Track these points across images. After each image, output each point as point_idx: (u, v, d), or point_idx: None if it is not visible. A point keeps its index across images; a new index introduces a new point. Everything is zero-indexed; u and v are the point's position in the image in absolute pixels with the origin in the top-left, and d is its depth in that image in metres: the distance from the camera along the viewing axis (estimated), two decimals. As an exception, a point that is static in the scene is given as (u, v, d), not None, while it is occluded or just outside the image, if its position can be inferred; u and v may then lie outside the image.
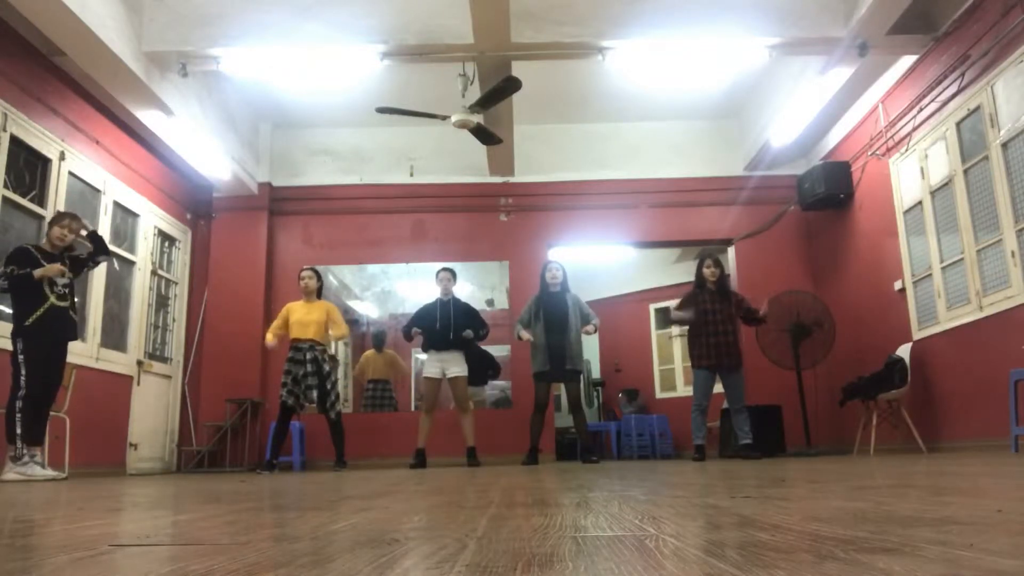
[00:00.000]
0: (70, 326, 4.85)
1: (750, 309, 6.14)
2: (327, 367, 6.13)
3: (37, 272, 4.56)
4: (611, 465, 5.61)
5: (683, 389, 10.01)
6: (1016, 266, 4.95)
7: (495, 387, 9.53)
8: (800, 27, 5.75)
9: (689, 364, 6.21)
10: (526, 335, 6.23)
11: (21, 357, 4.52)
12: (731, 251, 8.23)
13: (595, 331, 6.44)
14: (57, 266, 4.64)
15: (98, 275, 6.36)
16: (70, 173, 5.99)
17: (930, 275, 6.00)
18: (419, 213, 8.23)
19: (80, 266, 4.99)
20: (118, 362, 6.64)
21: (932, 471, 2.66)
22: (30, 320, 4.55)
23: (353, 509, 1.61)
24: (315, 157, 8.37)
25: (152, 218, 7.30)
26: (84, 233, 5.02)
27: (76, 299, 4.99)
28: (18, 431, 4.43)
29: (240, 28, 5.77)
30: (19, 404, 4.47)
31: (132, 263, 6.99)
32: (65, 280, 4.78)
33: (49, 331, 4.64)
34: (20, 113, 5.41)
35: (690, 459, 6.35)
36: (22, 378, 4.50)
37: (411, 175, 8.34)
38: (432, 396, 6.49)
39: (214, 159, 7.15)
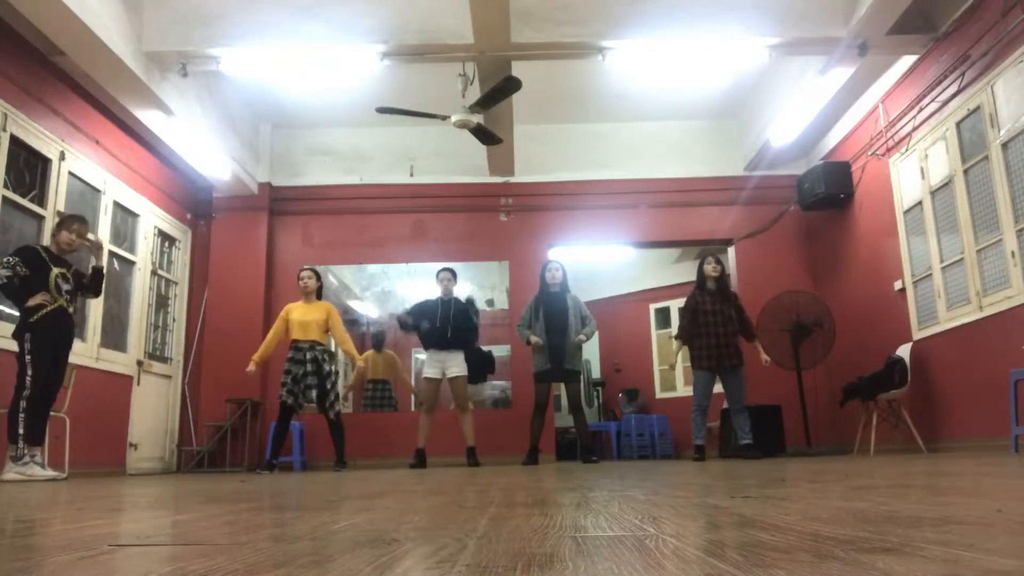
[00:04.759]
0: (71, 332, 4.85)
1: (747, 325, 6.14)
2: (327, 367, 6.13)
3: (31, 301, 4.53)
4: (611, 465, 5.61)
5: (683, 389, 10.00)
6: (1016, 266, 4.95)
7: (495, 387, 9.54)
8: (800, 27, 5.75)
9: (689, 364, 6.21)
10: (535, 339, 6.20)
11: (28, 357, 4.51)
12: (731, 251, 8.23)
13: (587, 340, 6.34)
14: (43, 296, 4.58)
15: (98, 275, 6.36)
16: (70, 173, 5.99)
17: (930, 275, 6.00)
18: (419, 213, 8.23)
19: (78, 286, 4.94)
20: (118, 362, 6.64)
21: (932, 471, 2.66)
22: (36, 317, 4.54)
23: (353, 509, 1.61)
24: (315, 157, 8.37)
25: (152, 218, 7.30)
26: (92, 238, 4.99)
27: (76, 305, 4.98)
28: (20, 431, 4.42)
29: (240, 28, 5.77)
30: (23, 404, 4.46)
31: (132, 263, 6.99)
32: (69, 286, 4.78)
33: (54, 331, 4.64)
34: (20, 113, 5.41)
35: (690, 459, 6.35)
36: (27, 378, 4.49)
37: (411, 175, 8.34)
38: (432, 396, 6.48)
39: (214, 159, 7.15)
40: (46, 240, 5.22)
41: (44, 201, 5.69)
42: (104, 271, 5.16)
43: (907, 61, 6.13)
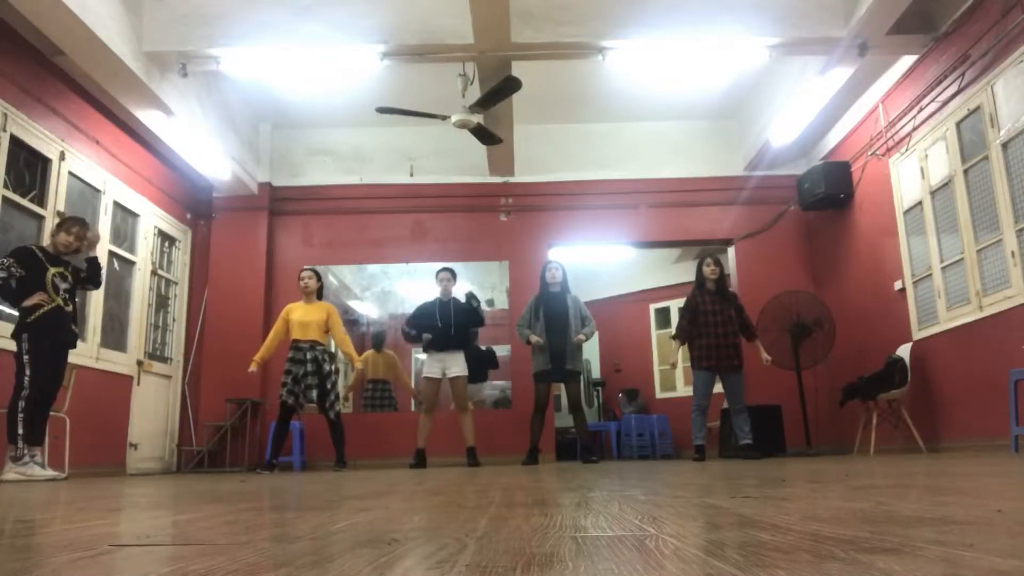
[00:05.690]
0: (72, 333, 4.85)
1: (748, 324, 6.14)
2: (327, 367, 6.13)
3: (27, 302, 4.53)
4: (611, 465, 5.61)
5: (683, 389, 10.01)
6: (1016, 266, 4.95)
7: (495, 387, 9.54)
8: (800, 27, 5.75)
9: (689, 364, 6.21)
10: (536, 339, 6.20)
11: (26, 357, 4.51)
12: (731, 251, 8.23)
13: (587, 339, 6.36)
14: (40, 295, 4.58)
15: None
16: (70, 173, 5.98)
17: (930, 275, 6.00)
18: (419, 213, 8.23)
19: (77, 281, 4.94)
20: (118, 362, 6.63)
21: (932, 471, 2.66)
22: (34, 317, 4.54)
23: (353, 509, 1.61)
24: (315, 157, 8.37)
25: (152, 218, 7.30)
26: (90, 236, 5.01)
27: (75, 304, 4.98)
28: (20, 431, 4.42)
29: (240, 28, 5.77)
30: (22, 404, 4.46)
31: (132, 263, 6.99)
32: (67, 285, 4.78)
33: (53, 331, 4.64)
34: (20, 113, 5.41)
35: (690, 459, 6.35)
36: (26, 378, 4.49)
37: (411, 175, 8.34)
38: (432, 396, 6.48)
39: (214, 159, 7.15)
40: (46, 240, 5.22)
41: (44, 201, 5.69)
42: (100, 261, 5.17)
43: (907, 61, 6.13)
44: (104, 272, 5.30)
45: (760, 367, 6.34)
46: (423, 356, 6.84)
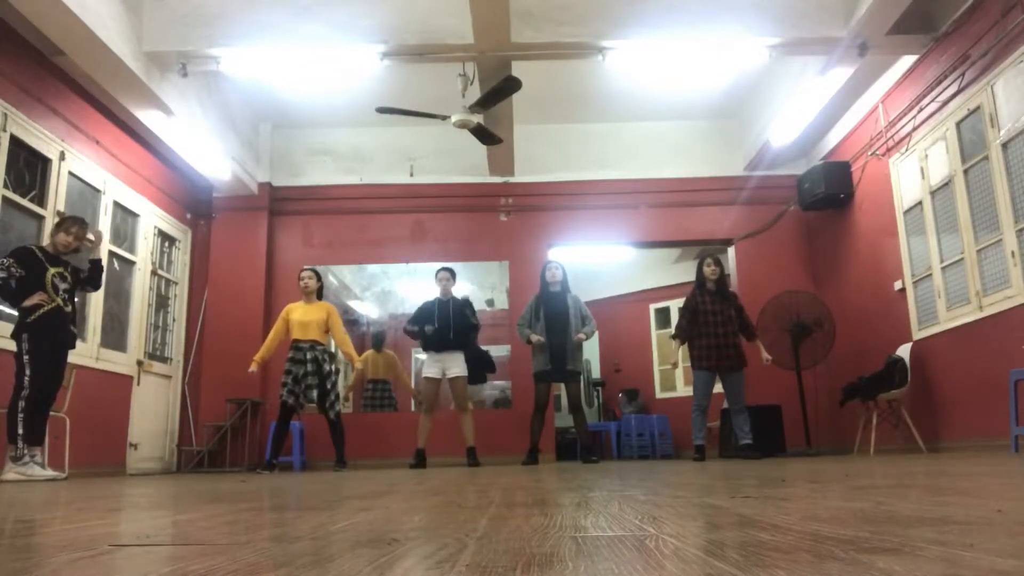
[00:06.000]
0: (71, 333, 4.85)
1: (748, 324, 6.13)
2: (327, 367, 6.13)
3: (27, 302, 4.53)
4: (611, 465, 5.61)
5: (683, 389, 10.01)
6: (1016, 266, 4.95)
7: (495, 387, 9.55)
8: (800, 27, 5.76)
9: (689, 364, 6.22)
10: (536, 338, 6.20)
11: (27, 357, 4.51)
12: (731, 251, 8.23)
13: (587, 339, 6.36)
14: (40, 295, 4.58)
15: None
16: (70, 173, 5.98)
17: (930, 275, 6.00)
18: (419, 213, 8.23)
19: (76, 282, 4.94)
20: (118, 362, 6.63)
21: (932, 471, 2.66)
22: (33, 317, 4.54)
23: (353, 509, 1.61)
24: (315, 157, 8.37)
25: (152, 218, 7.29)
26: (92, 238, 5.01)
27: (76, 303, 4.97)
28: (20, 431, 4.42)
29: (240, 28, 5.77)
30: (22, 404, 4.46)
31: (132, 263, 6.99)
32: (67, 285, 4.78)
33: (52, 330, 4.64)
34: (20, 113, 5.41)
35: (690, 459, 6.35)
36: (26, 378, 4.49)
37: (411, 175, 8.34)
38: (432, 396, 6.48)
39: (214, 159, 7.15)
40: (45, 240, 5.22)
41: (44, 201, 5.69)
42: (103, 263, 5.17)
43: (907, 61, 6.13)
44: (104, 275, 5.30)
45: (760, 367, 6.34)
46: (423, 356, 6.84)
